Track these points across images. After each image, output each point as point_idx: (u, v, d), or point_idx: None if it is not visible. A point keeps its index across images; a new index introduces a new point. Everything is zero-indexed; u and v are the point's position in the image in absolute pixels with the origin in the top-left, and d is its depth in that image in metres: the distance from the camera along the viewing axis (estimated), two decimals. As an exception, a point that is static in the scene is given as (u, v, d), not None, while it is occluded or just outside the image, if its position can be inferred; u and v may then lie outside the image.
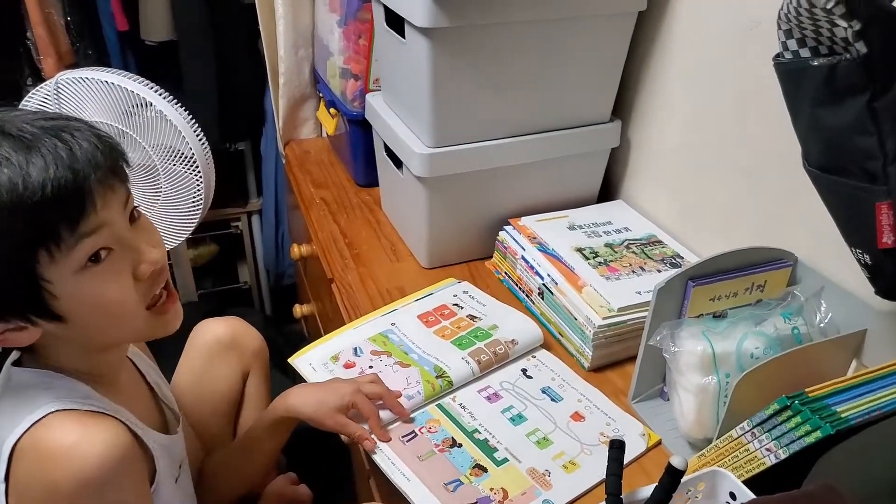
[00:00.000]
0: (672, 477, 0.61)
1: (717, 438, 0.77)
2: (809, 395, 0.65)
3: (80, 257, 0.61)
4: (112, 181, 0.64)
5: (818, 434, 0.62)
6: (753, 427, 0.69)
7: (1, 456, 0.64)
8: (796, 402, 0.64)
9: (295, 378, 1.27)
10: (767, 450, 0.67)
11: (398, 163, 1.16)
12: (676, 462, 0.61)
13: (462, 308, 1.05)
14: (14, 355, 0.71)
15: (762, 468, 0.69)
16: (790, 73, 0.64)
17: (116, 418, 0.67)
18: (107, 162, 0.62)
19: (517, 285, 1.11)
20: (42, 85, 1.26)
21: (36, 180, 0.57)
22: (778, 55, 0.65)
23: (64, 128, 0.61)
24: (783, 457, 0.66)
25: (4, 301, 0.62)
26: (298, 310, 1.63)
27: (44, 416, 0.63)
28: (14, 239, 0.58)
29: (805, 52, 0.62)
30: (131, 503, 0.67)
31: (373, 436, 0.84)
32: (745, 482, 0.67)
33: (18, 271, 0.60)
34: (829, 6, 0.56)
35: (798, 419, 0.64)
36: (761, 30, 0.92)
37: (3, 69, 1.51)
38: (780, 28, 0.64)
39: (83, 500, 0.62)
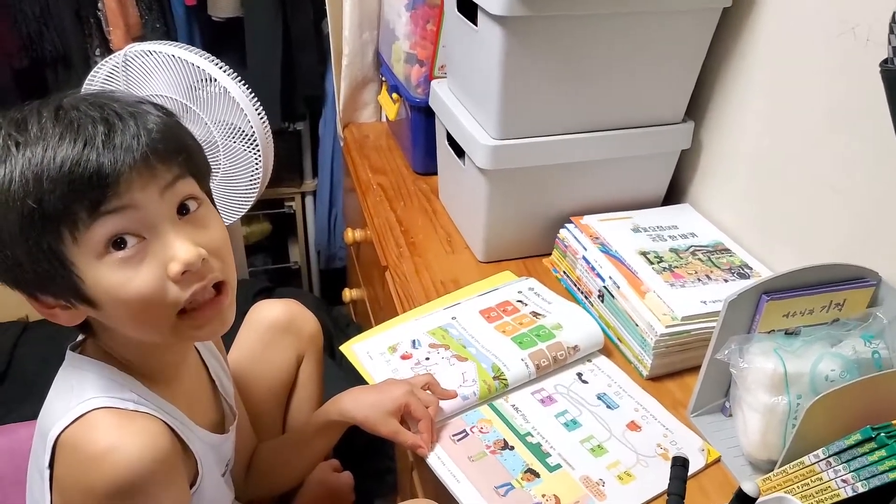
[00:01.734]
0: (743, 503, 0.58)
1: (782, 462, 0.73)
2: (896, 427, 0.61)
3: (99, 239, 0.58)
4: (154, 165, 0.60)
5: (904, 470, 0.58)
6: (829, 456, 0.65)
7: (46, 444, 0.63)
8: (882, 434, 0.60)
9: (342, 363, 1.27)
10: (843, 481, 0.64)
11: (460, 153, 1.14)
12: (748, 488, 0.57)
13: (526, 305, 1.02)
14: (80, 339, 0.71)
15: (835, 500, 0.65)
16: (901, 82, 0.59)
17: (159, 419, 0.66)
18: (152, 146, 0.59)
19: (576, 286, 1.08)
20: (110, 57, 1.27)
21: (59, 157, 0.56)
22: (887, 61, 0.61)
23: (121, 112, 0.59)
24: (861, 490, 0.62)
25: (40, 278, 0.60)
26: (348, 293, 1.63)
27: (86, 413, 0.63)
28: (37, 215, 0.56)
29: (920, 60, 0.58)
30: None
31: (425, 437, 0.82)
32: (815, 512, 0.63)
33: (44, 248, 0.58)
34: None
35: (883, 453, 0.60)
36: (856, 33, 0.87)
37: (75, 40, 1.53)
38: (892, 32, 0.60)
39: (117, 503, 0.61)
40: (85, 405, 0.63)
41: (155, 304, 0.61)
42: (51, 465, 0.64)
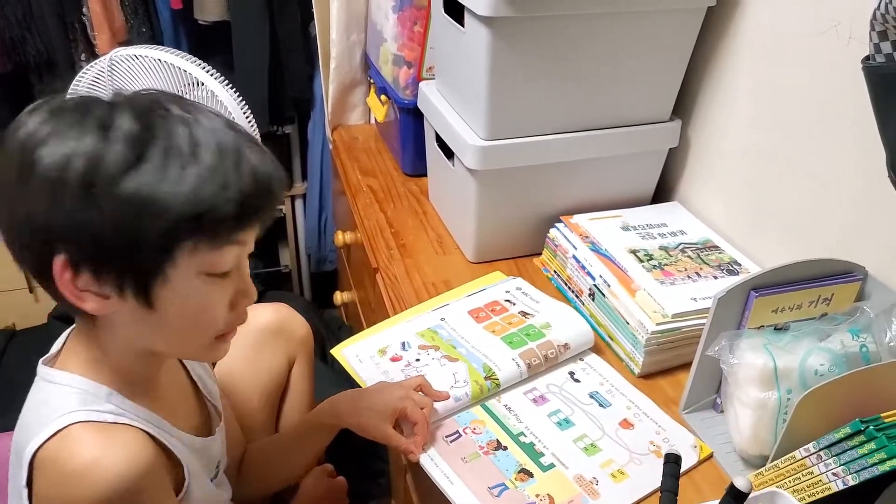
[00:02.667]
0: (735, 499, 0.58)
1: (774, 457, 0.74)
2: (885, 420, 0.61)
3: (211, 260, 0.61)
4: (273, 208, 0.65)
5: (893, 463, 0.59)
6: (820, 450, 0.65)
7: (23, 462, 0.62)
8: (871, 427, 0.61)
9: (333, 366, 1.27)
10: (834, 475, 0.64)
11: (449, 154, 1.14)
12: (740, 484, 0.58)
13: (514, 304, 1.03)
14: (54, 350, 0.71)
15: (826, 493, 0.65)
16: (883, 77, 0.60)
17: (141, 429, 0.65)
18: (280, 194, 0.65)
19: (566, 285, 1.08)
20: (95, 61, 1.26)
21: (233, 186, 0.59)
22: (868, 58, 0.62)
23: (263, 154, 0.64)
24: (851, 483, 0.62)
25: (126, 257, 0.58)
26: (339, 296, 1.63)
27: (64, 427, 0.61)
28: (186, 222, 0.58)
29: (902, 56, 0.58)
30: None
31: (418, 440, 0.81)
32: (806, 506, 0.64)
33: (164, 246, 0.59)
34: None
35: (872, 445, 0.60)
36: (838, 31, 0.87)
37: (59, 44, 1.52)
38: (872, 29, 0.60)
39: None
40: (63, 419, 0.62)
41: (211, 324, 0.66)
42: (29, 483, 0.62)
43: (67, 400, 0.64)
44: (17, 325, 1.89)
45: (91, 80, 1.27)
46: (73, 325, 0.72)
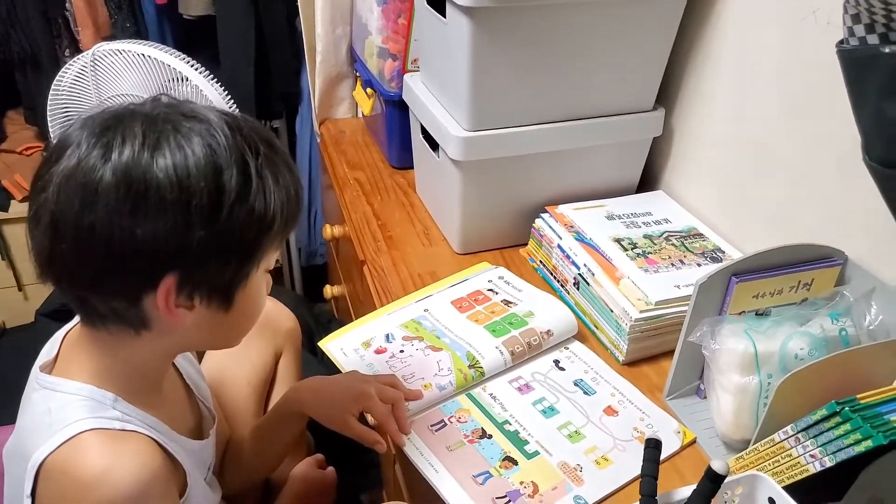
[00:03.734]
0: (712, 482, 0.59)
1: (755, 440, 0.74)
2: (861, 401, 0.62)
3: (272, 260, 0.67)
4: None
5: (869, 443, 0.60)
6: (798, 432, 0.66)
7: (28, 472, 0.61)
8: (846, 408, 0.61)
9: (323, 359, 1.27)
10: (812, 456, 0.65)
11: (434, 145, 1.14)
12: (718, 466, 0.58)
13: (497, 293, 1.03)
14: (43, 359, 0.70)
15: (805, 475, 0.66)
16: (856, 61, 0.60)
17: (147, 436, 0.65)
18: None
19: (552, 274, 1.09)
20: (78, 57, 1.25)
21: (294, 189, 0.64)
22: (842, 41, 0.62)
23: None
24: (829, 465, 0.63)
25: (231, 270, 0.61)
26: (329, 290, 1.63)
27: (75, 436, 0.60)
28: (279, 227, 0.62)
29: (873, 39, 0.58)
30: None
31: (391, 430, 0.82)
32: (786, 488, 0.64)
33: (264, 248, 0.63)
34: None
35: (848, 426, 0.61)
36: (818, 17, 0.88)
37: (43, 40, 1.51)
38: (846, 12, 0.60)
39: None
40: (72, 428, 0.61)
41: (260, 314, 0.71)
42: (32, 493, 0.62)
43: (75, 408, 0.63)
44: (7, 324, 1.89)
45: (74, 75, 1.26)
46: (68, 329, 0.71)
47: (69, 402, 0.63)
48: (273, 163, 0.61)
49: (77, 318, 0.67)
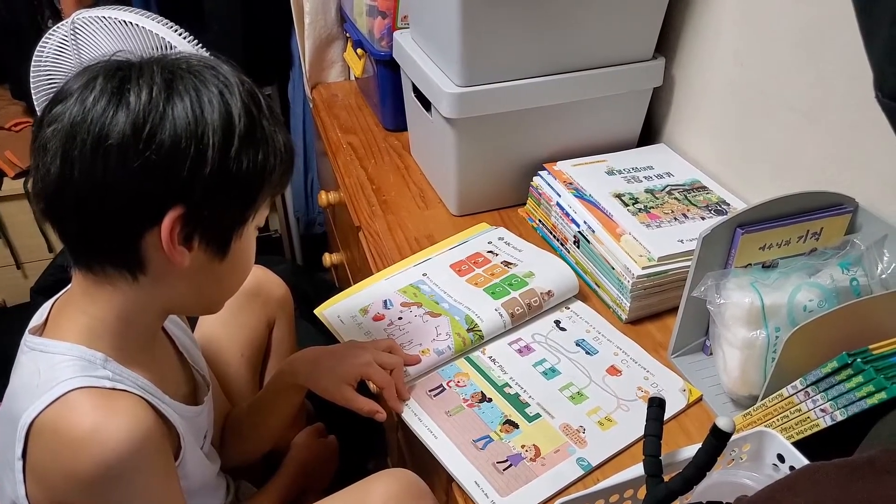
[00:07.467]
0: (718, 440, 0.56)
1: (763, 396, 0.72)
2: (873, 352, 0.59)
3: (263, 217, 0.69)
4: None
5: (882, 395, 0.57)
6: (807, 386, 0.63)
7: (17, 433, 0.60)
8: (858, 359, 0.59)
9: (322, 328, 1.25)
10: (822, 410, 0.62)
11: (427, 104, 1.11)
12: (723, 424, 0.56)
13: (497, 255, 1.00)
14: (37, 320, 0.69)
15: (815, 430, 0.64)
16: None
17: (138, 395, 0.64)
18: None
19: (552, 233, 1.06)
20: (58, 25, 1.22)
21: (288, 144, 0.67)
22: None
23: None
24: (840, 419, 0.61)
25: (232, 213, 0.64)
26: (328, 258, 1.60)
27: (63, 395, 0.60)
28: (274, 180, 0.65)
29: (884, -35, 0.54)
30: (156, 485, 0.64)
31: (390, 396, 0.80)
32: (795, 444, 0.62)
33: (262, 196, 0.65)
34: None
35: (860, 378, 0.58)
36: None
37: (23, 10, 1.47)
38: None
39: (105, 487, 0.59)
40: (61, 387, 0.60)
41: (248, 273, 0.73)
42: (23, 455, 0.61)
43: (64, 367, 0.62)
44: (7, 302, 1.88)
45: (55, 45, 1.23)
46: (58, 295, 0.70)
47: (59, 363, 0.62)
48: (273, 116, 0.65)
49: (67, 287, 0.67)
